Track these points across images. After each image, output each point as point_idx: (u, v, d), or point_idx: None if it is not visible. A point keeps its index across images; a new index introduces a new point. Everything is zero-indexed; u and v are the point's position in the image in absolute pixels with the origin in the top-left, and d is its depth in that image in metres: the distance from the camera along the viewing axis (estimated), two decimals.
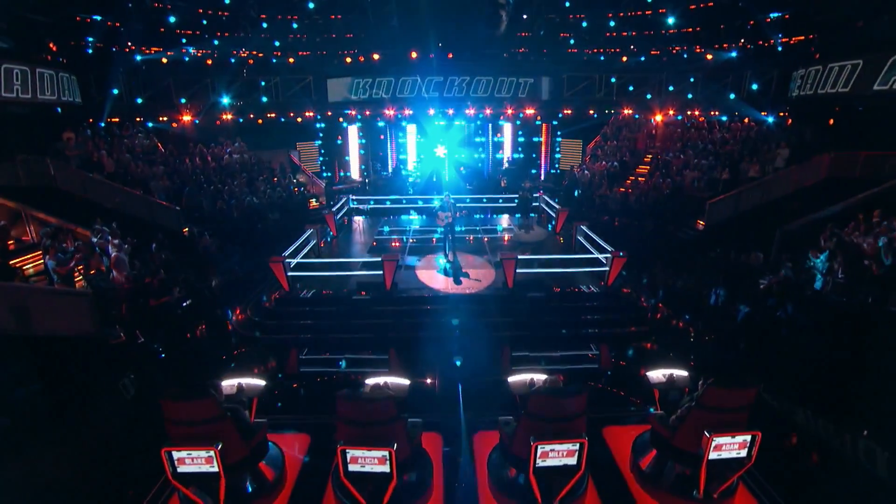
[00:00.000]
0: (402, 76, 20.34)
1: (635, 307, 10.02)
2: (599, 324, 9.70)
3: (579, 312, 9.89)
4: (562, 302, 9.96)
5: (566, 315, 9.75)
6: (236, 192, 15.72)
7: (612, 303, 10.03)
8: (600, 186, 17.72)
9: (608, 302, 10.05)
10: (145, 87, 19.89)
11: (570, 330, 9.51)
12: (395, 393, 5.46)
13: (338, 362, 8.70)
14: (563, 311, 9.84)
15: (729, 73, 19.92)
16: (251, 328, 9.54)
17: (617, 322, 9.70)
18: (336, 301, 9.89)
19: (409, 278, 10.75)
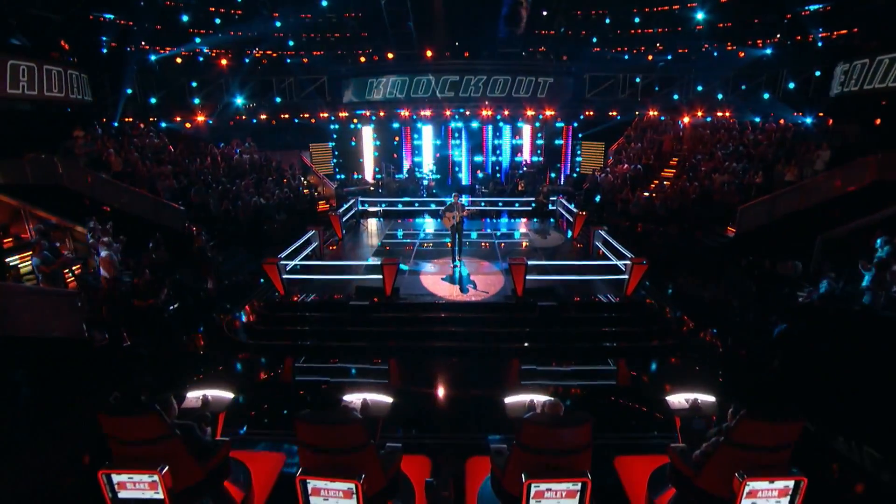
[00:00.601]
0: (416, 75, 19.93)
1: (657, 319, 9.23)
2: (617, 336, 8.97)
3: (595, 324, 9.16)
4: (576, 312, 9.23)
5: (580, 326, 9.04)
6: (243, 193, 15.45)
7: (632, 314, 9.26)
8: (622, 190, 16.87)
9: (627, 313, 9.29)
10: (159, 86, 19.96)
11: (584, 342, 8.79)
12: (375, 412, 4.87)
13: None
14: (578, 322, 9.13)
15: (763, 71, 18.86)
16: (243, 333, 9.10)
17: (637, 335, 8.94)
18: (333, 307, 9.39)
19: (413, 284, 10.19)
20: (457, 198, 11.01)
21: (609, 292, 9.75)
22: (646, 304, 9.47)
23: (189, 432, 4.27)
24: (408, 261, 11.76)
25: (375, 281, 9.45)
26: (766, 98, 18.81)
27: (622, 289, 9.56)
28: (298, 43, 21.29)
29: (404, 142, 23.50)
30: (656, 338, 8.86)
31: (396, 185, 20.85)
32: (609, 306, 9.43)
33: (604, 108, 21.85)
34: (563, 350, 8.74)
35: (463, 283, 10.17)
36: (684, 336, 8.93)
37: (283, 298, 9.54)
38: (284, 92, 22.09)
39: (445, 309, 9.28)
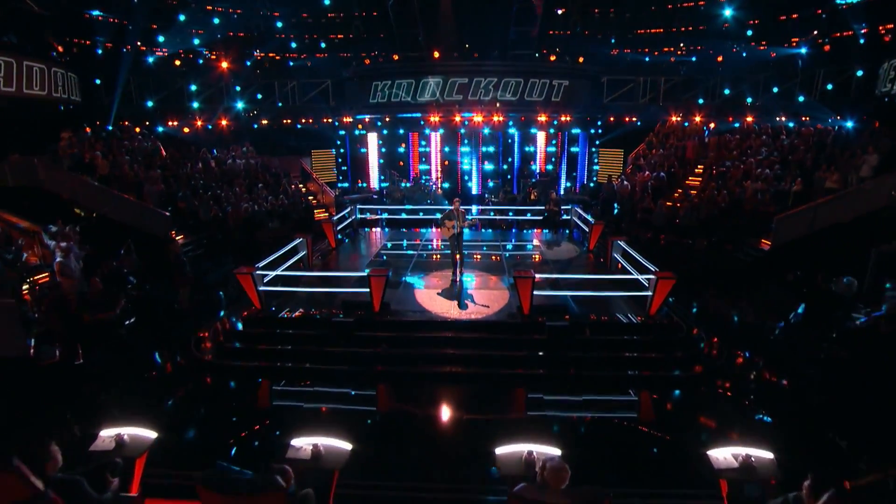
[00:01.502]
0: (423, 77, 19.19)
1: (686, 343, 8.08)
2: (639, 363, 7.87)
3: (613, 347, 8.06)
4: (591, 333, 8.13)
5: (596, 350, 7.94)
6: (233, 199, 14.73)
7: (657, 336, 8.13)
8: (643, 199, 15.77)
9: (651, 335, 8.16)
10: (157, 89, 19.56)
11: (600, 369, 7.69)
12: (330, 463, 3.87)
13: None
14: (593, 345, 8.03)
15: (797, 71, 17.70)
16: (212, 352, 8.18)
17: (662, 362, 7.82)
18: (314, 323, 8.44)
19: (406, 299, 9.21)
20: (457, 204, 10.06)
21: (629, 311, 8.64)
22: (672, 325, 8.33)
23: (75, 490, 3.31)
24: (404, 273, 10.80)
25: (364, 295, 8.49)
26: (800, 101, 17.62)
27: (645, 307, 8.45)
28: (301, 45, 20.80)
29: (411, 148, 22.75)
30: (685, 365, 7.71)
31: (400, 193, 20.03)
32: (629, 327, 8.32)
33: (623, 113, 20.86)
34: (575, 378, 7.63)
35: (462, 298, 9.15)
36: (719, 364, 7.76)
37: (259, 313, 8.62)
38: (287, 96, 21.58)
39: (440, 328, 8.27)
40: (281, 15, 19.28)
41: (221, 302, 10.51)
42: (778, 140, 15.79)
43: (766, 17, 17.47)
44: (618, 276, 9.43)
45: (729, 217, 13.85)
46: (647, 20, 19.19)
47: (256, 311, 8.66)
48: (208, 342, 8.40)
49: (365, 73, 20.41)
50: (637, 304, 8.77)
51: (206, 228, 14.64)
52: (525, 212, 16.89)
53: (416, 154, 22.69)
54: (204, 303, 10.31)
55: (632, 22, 19.46)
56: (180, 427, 6.36)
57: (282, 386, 7.81)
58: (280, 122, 21.76)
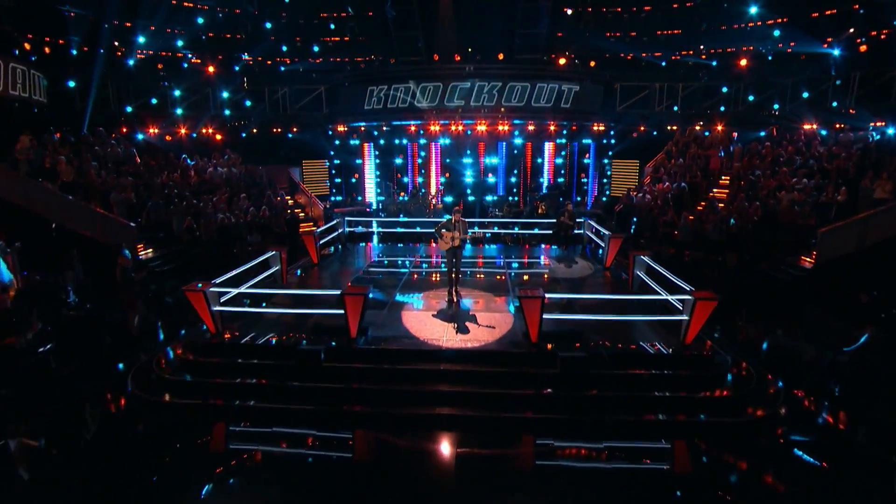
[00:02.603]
0: (422, 82, 18.24)
1: (736, 381, 6.75)
2: (673, 404, 6.52)
3: (640, 384, 6.74)
4: (612, 367, 6.81)
5: (619, 387, 6.63)
6: (208, 210, 13.66)
7: (696, 371, 6.81)
8: (665, 212, 14.55)
9: (687, 369, 6.84)
10: (137, 94, 18.73)
11: (624, 412, 6.37)
12: None
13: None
14: (615, 382, 6.71)
15: (829, 75, 16.60)
16: (152, 388, 6.93)
17: (702, 403, 6.48)
18: (277, 352, 7.18)
19: (391, 323, 7.98)
20: (457, 215, 8.90)
21: (658, 339, 7.33)
22: (714, 357, 7.00)
23: None
24: (392, 292, 9.58)
25: (341, 318, 7.25)
26: (834, 106, 16.48)
27: (678, 335, 7.15)
28: (293, 48, 20.01)
29: (409, 160, 21.75)
30: (732, 409, 6.38)
31: (396, 207, 18.94)
32: (660, 359, 7.00)
33: (638, 121, 19.78)
34: (593, 423, 6.31)
35: (458, 322, 7.90)
36: (777, 408, 6.42)
37: (213, 339, 7.39)
38: (277, 103, 20.69)
39: (430, 358, 7.00)
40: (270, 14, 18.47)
41: (180, 325, 9.30)
42: (812, 147, 14.59)
43: (795, 15, 16.39)
44: (643, 297, 8.15)
45: (763, 231, 12.60)
46: (664, 20, 18.22)
47: (210, 336, 7.43)
48: (152, 373, 7.15)
49: (359, 77, 19.53)
50: (668, 331, 7.48)
51: (178, 242, 13.59)
52: (533, 226, 15.77)
53: (415, 166, 21.68)
54: (158, 326, 9.10)
55: (648, 22, 18.51)
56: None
57: (241, 426, 6.57)
58: (269, 130, 20.86)
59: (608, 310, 8.10)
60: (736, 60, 18.16)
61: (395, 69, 19.01)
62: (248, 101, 20.64)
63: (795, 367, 7.94)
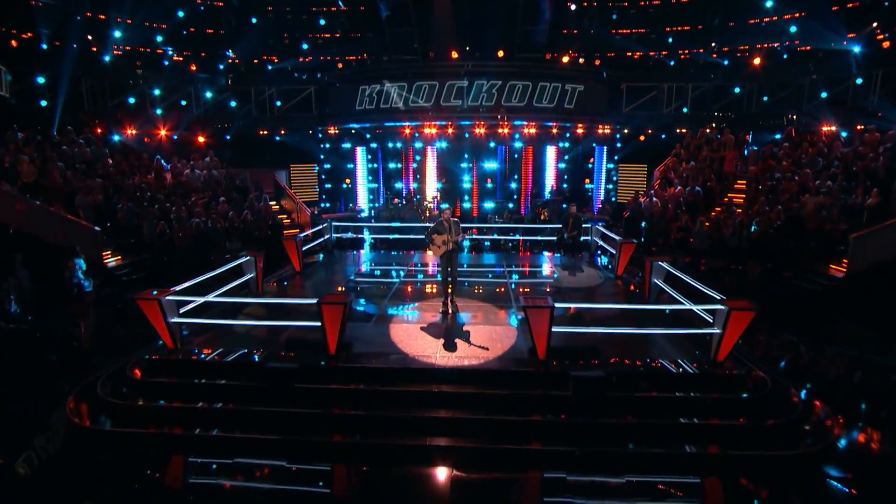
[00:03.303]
0: (417, 80, 17.60)
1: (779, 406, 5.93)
2: (703, 433, 5.70)
3: (665, 409, 5.92)
4: (633, 388, 6.00)
5: (641, 412, 5.81)
6: (182, 215, 12.88)
7: (729, 393, 5.99)
8: (677, 218, 13.83)
9: (719, 391, 6.03)
10: (114, 92, 18.02)
11: (648, 443, 5.55)
12: None
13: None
14: (636, 405, 5.90)
15: (851, 73, 16.04)
16: (97, 414, 6.08)
17: (739, 432, 5.67)
18: (243, 371, 6.34)
19: (378, 337, 7.17)
20: (448, 213, 8.17)
21: (684, 355, 6.53)
22: (751, 377, 6.18)
23: None
24: (380, 303, 8.78)
25: (318, 331, 6.43)
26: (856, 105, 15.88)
27: (709, 351, 6.35)
28: (280, 45, 19.37)
29: (404, 164, 21.07)
30: (777, 441, 5.56)
31: (388, 213, 18.22)
32: (687, 380, 6.19)
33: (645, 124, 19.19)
34: (611, 456, 5.49)
35: (453, 336, 7.10)
36: (830, 437, 5.60)
37: (171, 355, 6.55)
38: (264, 104, 20.03)
39: (421, 378, 6.19)
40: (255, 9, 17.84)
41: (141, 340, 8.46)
42: (835, 148, 13.94)
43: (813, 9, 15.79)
44: (666, 307, 7.37)
45: (786, 237, 11.86)
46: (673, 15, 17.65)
47: (168, 352, 6.59)
48: (96, 397, 6.29)
49: (351, 75, 18.90)
50: (695, 347, 6.68)
51: (150, 248, 12.78)
52: (536, 232, 15.08)
53: (409, 170, 20.98)
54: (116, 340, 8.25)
55: (656, 18, 17.95)
56: None
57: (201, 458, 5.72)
58: (255, 132, 20.17)
59: (625, 322, 7.34)
60: (749, 59, 17.59)
61: (388, 67, 18.38)
62: (233, 102, 19.97)
63: (838, 387, 7.14)
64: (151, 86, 18.43)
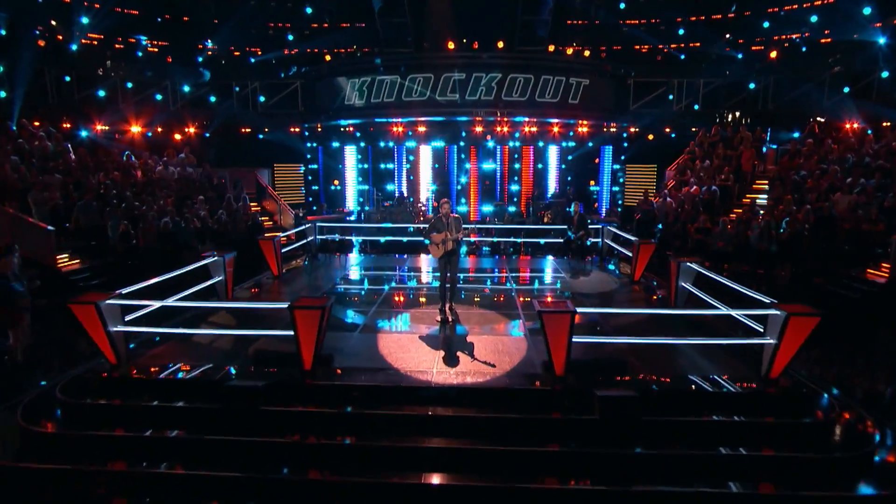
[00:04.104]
0: (411, 73, 16.83)
1: (853, 434, 5.06)
2: (760, 466, 4.81)
3: (707, 435, 5.03)
4: (670, 411, 5.11)
5: (683, 438, 4.92)
6: (150, 214, 11.97)
7: (787, 417, 5.11)
8: (695, 218, 13.07)
9: (774, 414, 5.15)
10: (82, 84, 17.13)
11: (696, 476, 4.64)
12: None
13: None
14: (676, 431, 5.00)
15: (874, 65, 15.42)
16: (16, 446, 5.11)
17: (803, 467, 4.77)
18: (200, 391, 5.40)
19: (362, 350, 6.29)
20: (446, 208, 7.34)
21: (724, 370, 5.66)
22: (812, 399, 5.31)
23: None
24: (368, 310, 7.88)
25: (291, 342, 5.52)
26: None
27: (760, 367, 5.47)
28: (265, 37, 18.58)
29: (396, 165, 20.28)
30: (851, 475, 4.67)
31: (379, 215, 17.40)
32: (735, 400, 5.31)
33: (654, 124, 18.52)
34: (650, 497, 4.58)
35: (453, 349, 6.21)
36: None
37: (114, 371, 5.60)
38: (247, 99, 19.20)
39: (414, 398, 5.28)
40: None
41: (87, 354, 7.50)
42: (865, 144, 13.24)
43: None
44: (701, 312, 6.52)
45: (818, 239, 11.07)
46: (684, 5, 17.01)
47: (110, 368, 5.64)
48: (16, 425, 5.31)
49: (340, 68, 18.11)
50: (741, 361, 5.83)
51: (114, 251, 11.83)
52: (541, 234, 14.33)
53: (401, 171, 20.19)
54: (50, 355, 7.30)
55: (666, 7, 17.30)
56: None
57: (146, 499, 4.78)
58: (237, 130, 19.35)
59: (650, 331, 6.47)
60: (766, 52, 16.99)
61: (380, 59, 17.60)
62: (213, 97, 19.12)
63: None
64: (124, 78, 17.57)
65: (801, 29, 16.42)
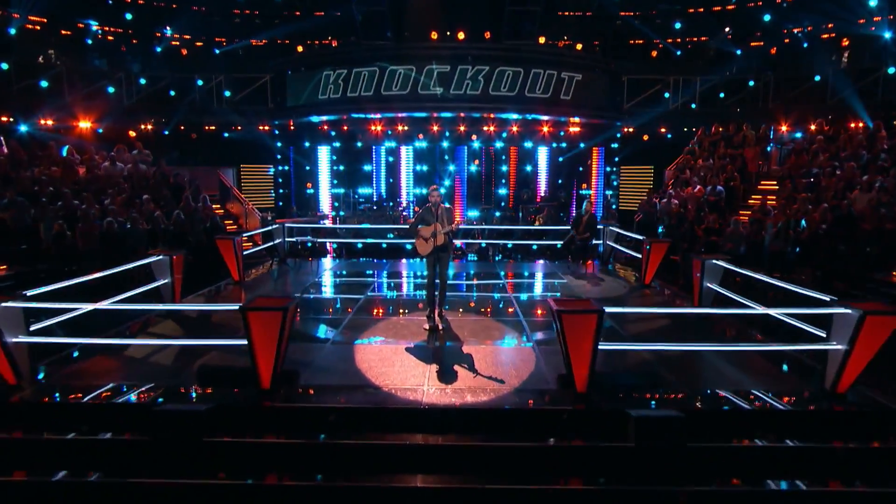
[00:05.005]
0: (390, 65, 16.01)
1: None
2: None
3: (764, 463, 4.20)
4: (720, 435, 4.27)
5: (739, 471, 4.07)
6: (91, 213, 10.83)
7: (863, 440, 4.31)
8: (701, 220, 12.45)
9: (844, 437, 4.34)
10: (20, 74, 15.85)
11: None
12: None
13: None
14: (728, 461, 4.15)
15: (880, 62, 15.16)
16: None
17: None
18: (125, 418, 4.37)
19: (336, 363, 5.35)
20: (436, 196, 6.46)
21: (774, 384, 4.86)
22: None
23: None
24: (343, 318, 6.92)
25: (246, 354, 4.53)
26: None
27: (824, 379, 4.67)
28: (230, 26, 17.63)
29: (379, 165, 19.40)
30: None
31: (356, 220, 16.50)
32: (792, 420, 4.49)
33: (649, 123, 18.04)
34: None
35: (446, 362, 5.29)
36: None
37: (15, 396, 4.53)
38: (211, 94, 18.12)
39: (400, 423, 4.34)
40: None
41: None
42: (878, 141, 12.85)
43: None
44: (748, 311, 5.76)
45: (838, 239, 10.49)
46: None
47: (8, 391, 4.57)
48: None
49: (312, 59, 17.21)
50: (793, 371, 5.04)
51: (48, 256, 10.63)
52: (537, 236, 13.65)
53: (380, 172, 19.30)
54: None
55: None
56: None
57: None
58: (200, 127, 18.26)
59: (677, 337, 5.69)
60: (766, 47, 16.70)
61: (357, 50, 16.77)
62: (173, 91, 18.02)
63: None
64: (71, 68, 16.38)
65: (803, 23, 16.17)
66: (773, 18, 16.48)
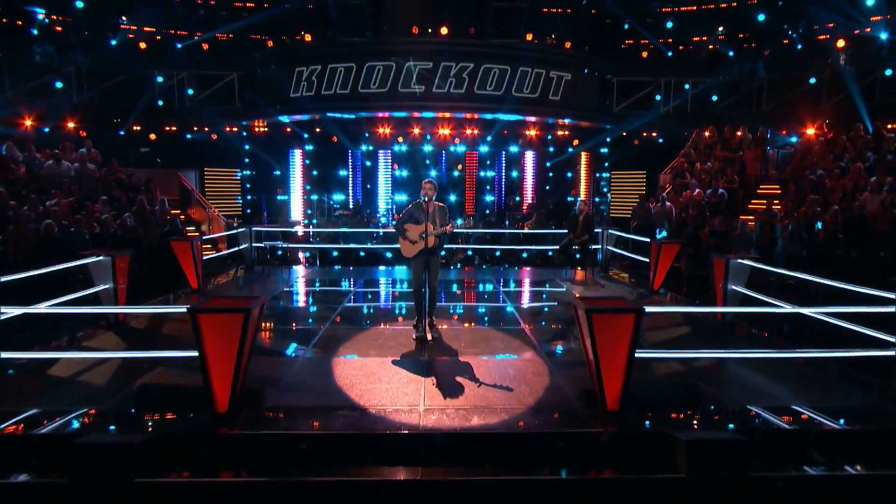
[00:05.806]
0: (369, 60, 15.37)
1: None
2: None
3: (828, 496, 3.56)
4: (787, 463, 3.62)
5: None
6: (25, 216, 9.85)
7: None
8: (702, 224, 12.04)
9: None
10: None
11: None
12: None
13: None
14: (794, 495, 3.49)
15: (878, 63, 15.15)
16: None
17: None
18: (41, 454, 3.51)
19: (310, 380, 4.61)
20: (429, 189, 5.75)
21: (830, 398, 4.26)
22: None
23: None
24: (319, 329, 6.14)
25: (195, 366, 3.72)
26: None
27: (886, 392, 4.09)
28: (195, 18, 16.81)
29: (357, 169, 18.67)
30: None
31: (332, 224, 15.75)
32: (859, 443, 3.87)
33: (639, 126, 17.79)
34: None
35: (442, 375, 4.56)
36: None
37: None
38: (172, 91, 17.24)
39: (391, 455, 3.56)
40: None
41: None
42: (884, 142, 12.69)
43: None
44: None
45: (851, 243, 10.15)
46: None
47: None
48: None
49: (284, 55, 16.48)
50: (856, 384, 4.44)
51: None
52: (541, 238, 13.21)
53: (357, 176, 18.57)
54: None
55: None
56: None
57: None
58: (160, 128, 17.35)
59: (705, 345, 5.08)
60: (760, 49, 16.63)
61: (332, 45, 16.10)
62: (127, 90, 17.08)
63: None
64: (13, 60, 15.36)
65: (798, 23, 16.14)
66: (768, 18, 16.41)
